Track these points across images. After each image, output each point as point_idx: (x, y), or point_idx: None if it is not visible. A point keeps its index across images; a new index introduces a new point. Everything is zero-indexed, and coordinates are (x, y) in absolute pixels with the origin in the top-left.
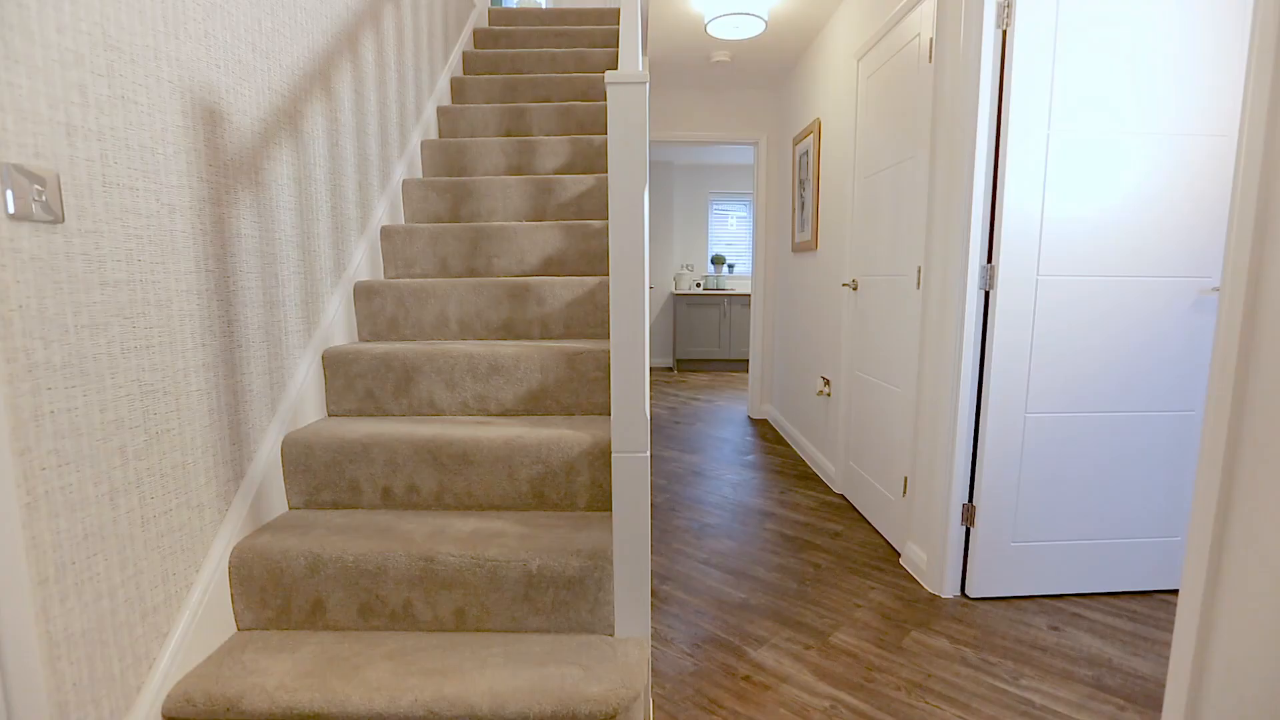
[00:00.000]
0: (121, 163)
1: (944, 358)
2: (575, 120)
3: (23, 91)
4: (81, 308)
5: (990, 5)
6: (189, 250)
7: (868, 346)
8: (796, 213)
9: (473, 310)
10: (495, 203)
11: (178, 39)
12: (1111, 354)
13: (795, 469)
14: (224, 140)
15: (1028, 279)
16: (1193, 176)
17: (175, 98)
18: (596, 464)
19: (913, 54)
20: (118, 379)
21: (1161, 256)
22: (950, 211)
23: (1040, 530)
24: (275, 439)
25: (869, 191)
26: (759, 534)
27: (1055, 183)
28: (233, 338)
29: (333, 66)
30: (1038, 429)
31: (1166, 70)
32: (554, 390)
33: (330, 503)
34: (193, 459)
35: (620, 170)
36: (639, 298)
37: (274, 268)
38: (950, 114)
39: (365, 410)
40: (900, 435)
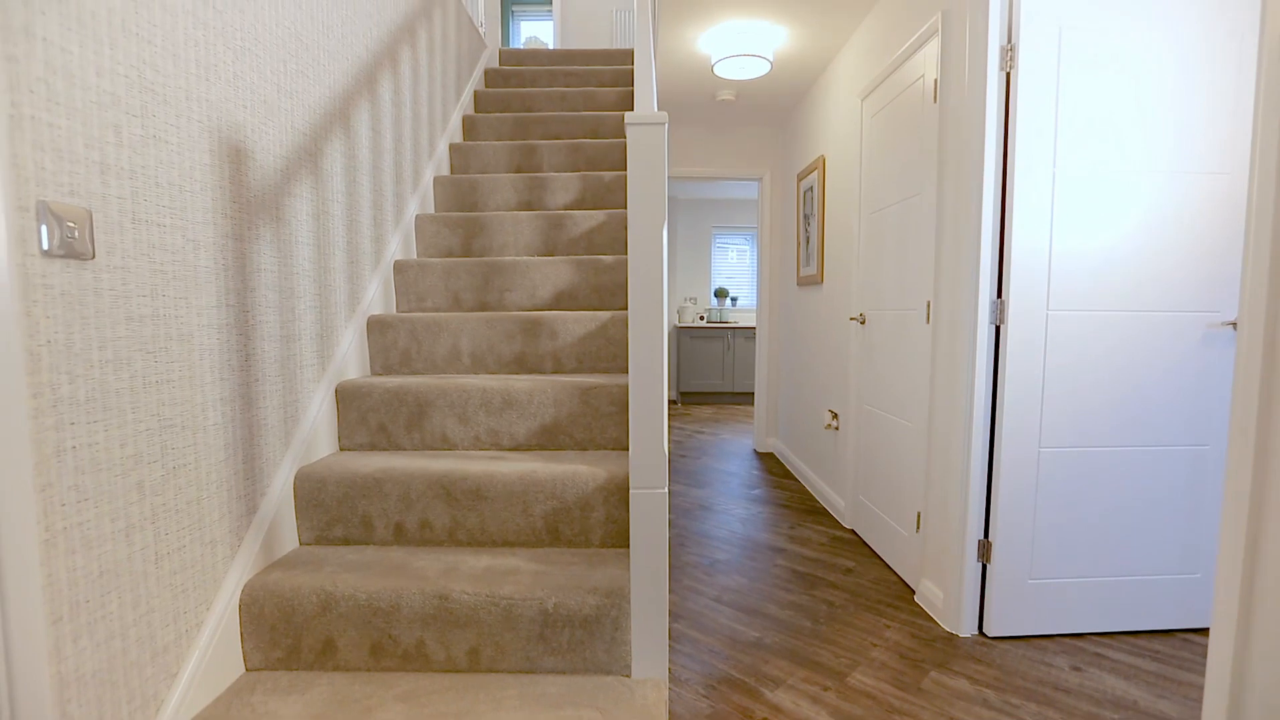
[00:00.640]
0: (151, 200)
1: (955, 392)
2: (585, 157)
3: (61, 132)
4: (107, 342)
5: (994, 49)
6: (211, 285)
7: (877, 380)
8: (801, 247)
9: (485, 344)
10: (507, 237)
11: (208, 81)
12: (1123, 388)
13: (803, 503)
14: (248, 177)
15: (1037, 313)
16: (1195, 213)
17: (204, 137)
18: (612, 500)
19: (917, 94)
20: (138, 413)
21: (1168, 291)
22: (959, 247)
23: (1058, 567)
24: (288, 473)
25: (875, 227)
26: (770, 570)
27: (1062, 219)
28: (250, 372)
29: (352, 105)
30: (1052, 463)
31: (1166, 110)
32: (567, 425)
33: (341, 538)
34: (208, 494)
35: (639, 207)
36: (657, 334)
37: (291, 302)
38: (957, 152)
39: (377, 444)
40: (912, 469)
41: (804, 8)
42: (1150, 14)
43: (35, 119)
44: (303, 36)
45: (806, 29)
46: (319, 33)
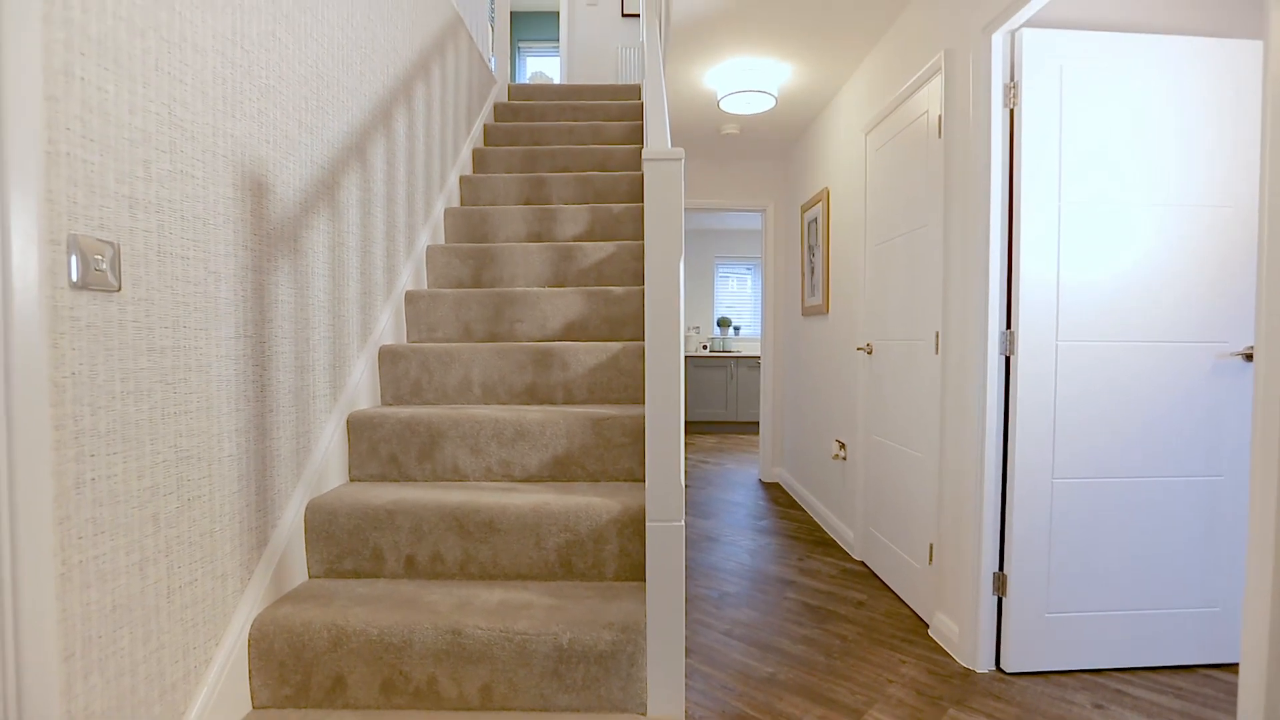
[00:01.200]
0: (176, 233)
1: (967, 423)
2: (593, 189)
3: (94, 167)
4: (129, 374)
5: (997, 87)
6: (230, 316)
7: (885, 410)
8: (806, 277)
9: (496, 375)
10: (517, 268)
11: (234, 117)
12: (1134, 419)
13: (811, 534)
14: (268, 210)
15: (1047, 344)
16: (1198, 245)
17: (228, 171)
18: (626, 532)
19: (921, 129)
20: (156, 445)
21: (1176, 322)
22: (967, 279)
23: (1075, 601)
24: (299, 505)
25: (881, 258)
26: (780, 603)
27: (1068, 251)
28: (265, 402)
29: (368, 139)
30: (1065, 495)
31: (1166, 145)
32: (579, 456)
33: (352, 571)
34: (220, 526)
35: (657, 241)
36: (674, 365)
37: (306, 332)
38: (963, 186)
39: (388, 475)
40: (923, 501)
41: (808, 46)
42: (1148, 54)
43: (70, 155)
44: (324, 74)
45: (810, 66)
46: (340, 69)
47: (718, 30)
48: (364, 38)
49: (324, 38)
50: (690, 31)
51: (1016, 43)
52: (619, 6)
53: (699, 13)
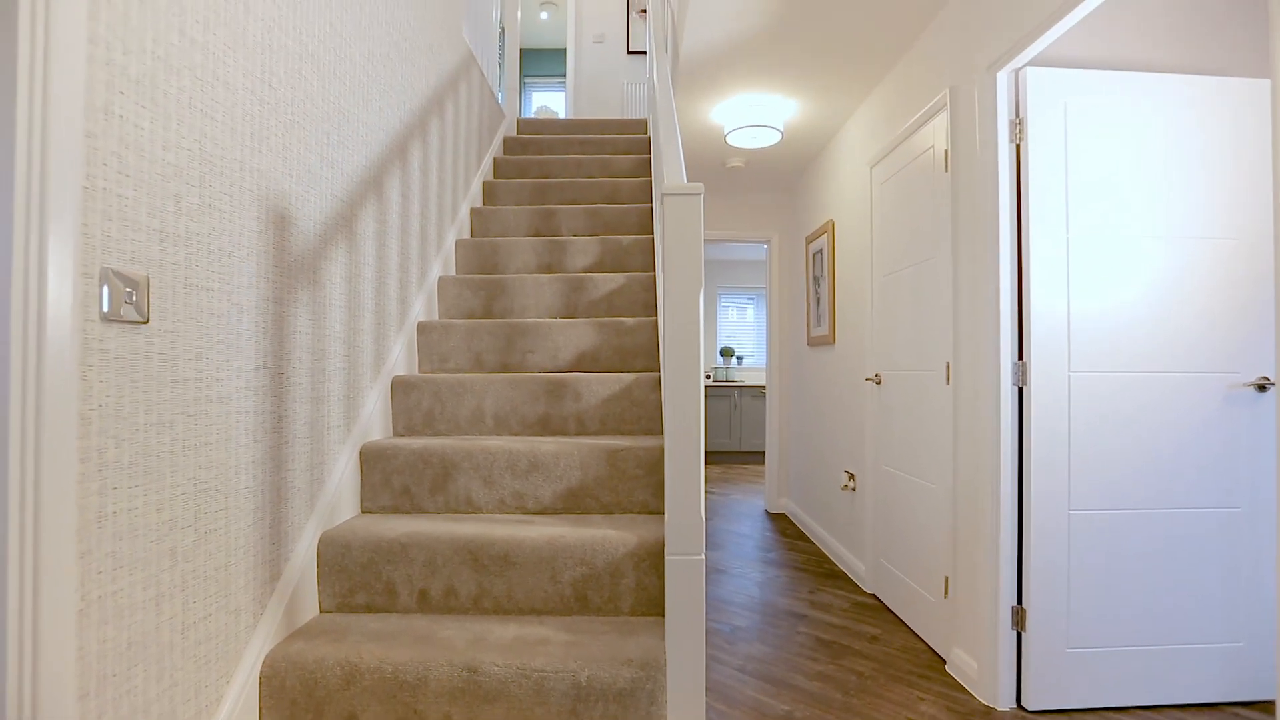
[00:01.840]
0: (202, 265)
1: (981, 454)
2: (602, 222)
3: (128, 202)
4: (153, 406)
5: (1003, 123)
6: (251, 348)
7: (895, 441)
8: (812, 307)
9: (509, 405)
10: (528, 299)
11: (260, 152)
12: (1149, 450)
13: (821, 566)
14: (289, 242)
15: (1059, 375)
16: (1204, 276)
17: (253, 205)
18: (642, 566)
19: (927, 163)
20: (176, 477)
21: (1187, 352)
22: (977, 310)
23: (1096, 635)
24: (312, 537)
25: (888, 289)
26: (793, 638)
27: (1078, 282)
28: (281, 434)
29: (385, 173)
30: (1083, 526)
31: (1170, 179)
32: (594, 488)
33: (364, 606)
34: (235, 559)
35: (676, 273)
36: (694, 397)
37: (322, 363)
38: (971, 220)
39: (400, 507)
40: (937, 533)
41: (814, 84)
42: (1150, 92)
43: (106, 190)
44: (346, 110)
45: (815, 102)
46: (360, 106)
47: (725, 67)
48: (384, 75)
49: (346, 75)
50: (698, 69)
51: (1021, 81)
52: (624, 44)
53: (707, 51)
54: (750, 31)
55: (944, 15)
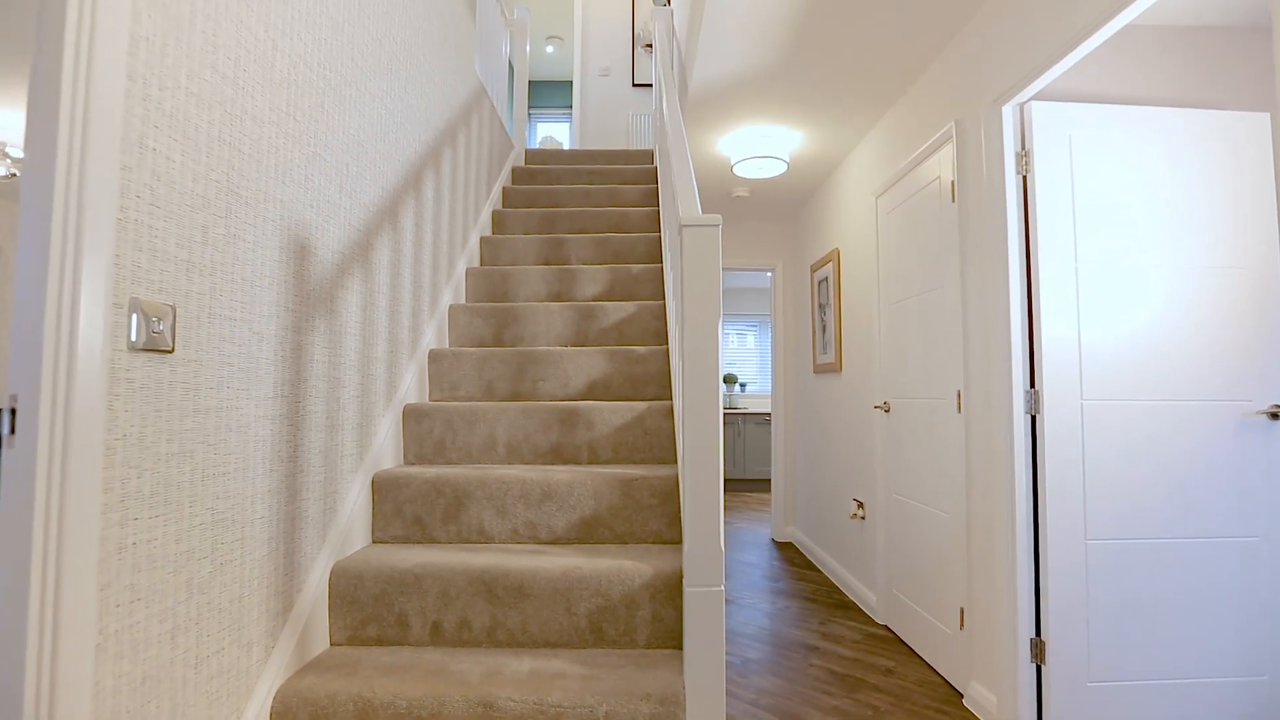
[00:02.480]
0: (226, 295)
1: (994, 482)
2: (611, 250)
3: (158, 233)
4: (174, 435)
5: (1010, 155)
6: (270, 376)
7: (906, 469)
8: (818, 335)
9: (521, 434)
10: (539, 327)
11: (283, 183)
12: (1164, 478)
13: (831, 597)
14: (309, 271)
15: (1072, 403)
16: (1212, 305)
17: (276, 235)
18: (659, 597)
19: (934, 194)
20: (195, 507)
21: (1198, 380)
22: (988, 338)
23: (1118, 668)
24: (324, 568)
25: (896, 317)
26: (806, 670)
27: (1087, 311)
28: (296, 462)
29: (400, 203)
30: (1100, 556)
31: (1176, 209)
32: (608, 518)
33: (375, 638)
34: (249, 591)
35: (695, 303)
36: (713, 426)
37: (337, 391)
38: (979, 249)
39: (412, 537)
40: (951, 563)
41: (819, 116)
42: (1153, 125)
43: (138, 222)
44: (364, 142)
45: (821, 133)
46: (378, 138)
47: (732, 101)
48: (400, 108)
49: (366, 109)
50: (706, 102)
51: (1026, 114)
52: (630, 77)
53: (715, 85)
54: (757, 67)
55: (948, 51)
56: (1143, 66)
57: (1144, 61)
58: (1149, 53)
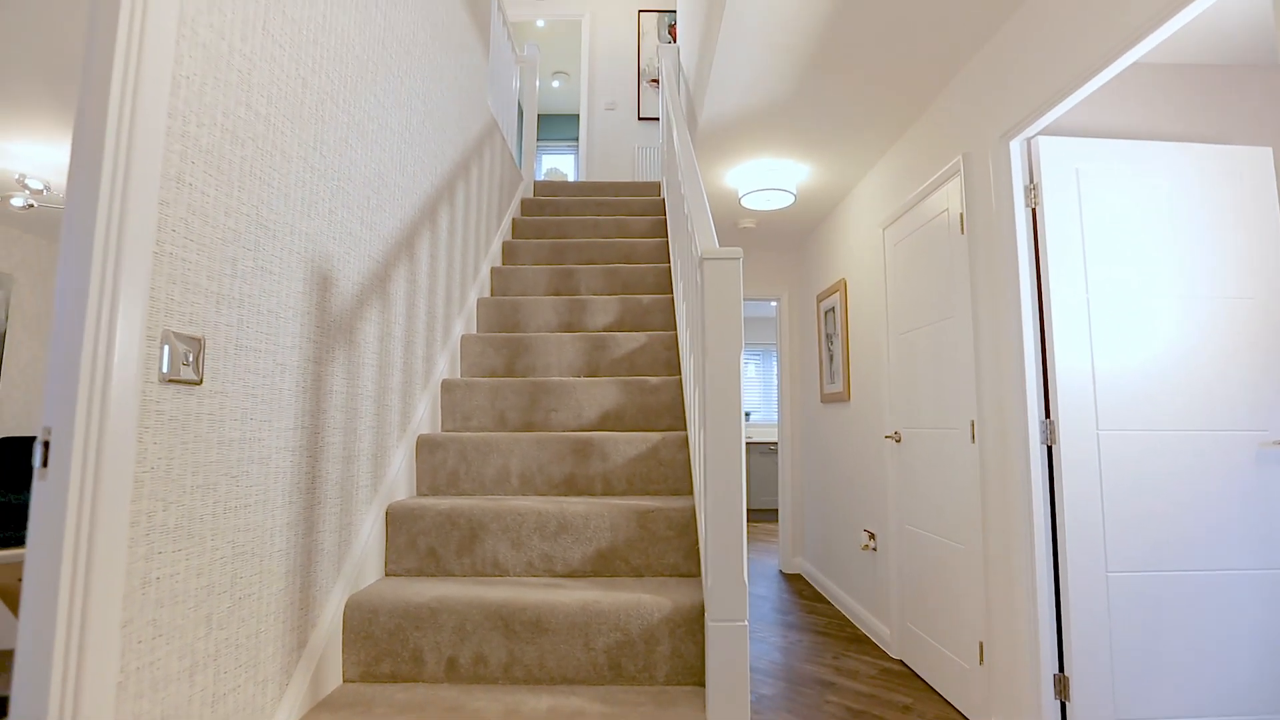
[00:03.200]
0: (252, 326)
1: (1011, 514)
2: (620, 281)
3: (191, 265)
4: (199, 467)
5: (1018, 188)
6: (291, 408)
7: (919, 499)
8: (825, 365)
9: (535, 465)
10: (550, 357)
11: (309, 217)
12: (1183, 510)
13: (843, 630)
14: (330, 303)
15: (1088, 433)
16: (1223, 335)
17: (300, 267)
18: (678, 632)
19: (942, 225)
20: (216, 540)
21: (1214, 410)
22: (1000, 369)
23: (1144, 705)
24: (339, 602)
25: (905, 347)
26: (822, 707)
27: (1100, 341)
28: (314, 494)
29: (416, 234)
30: (1122, 589)
31: (1183, 240)
32: (624, 550)
33: (389, 674)
34: (265, 626)
35: (717, 336)
36: (736, 456)
37: (354, 422)
38: (989, 280)
39: (426, 570)
40: (968, 596)
41: (827, 149)
42: (1158, 159)
43: (172, 255)
44: (384, 175)
45: (828, 166)
46: (397, 171)
47: (741, 134)
48: (418, 141)
49: (386, 143)
50: (715, 136)
51: (1033, 149)
52: (635, 111)
53: (724, 120)
54: (766, 102)
55: (953, 87)
56: (1145, 102)
57: (1146, 97)
58: (1151, 89)
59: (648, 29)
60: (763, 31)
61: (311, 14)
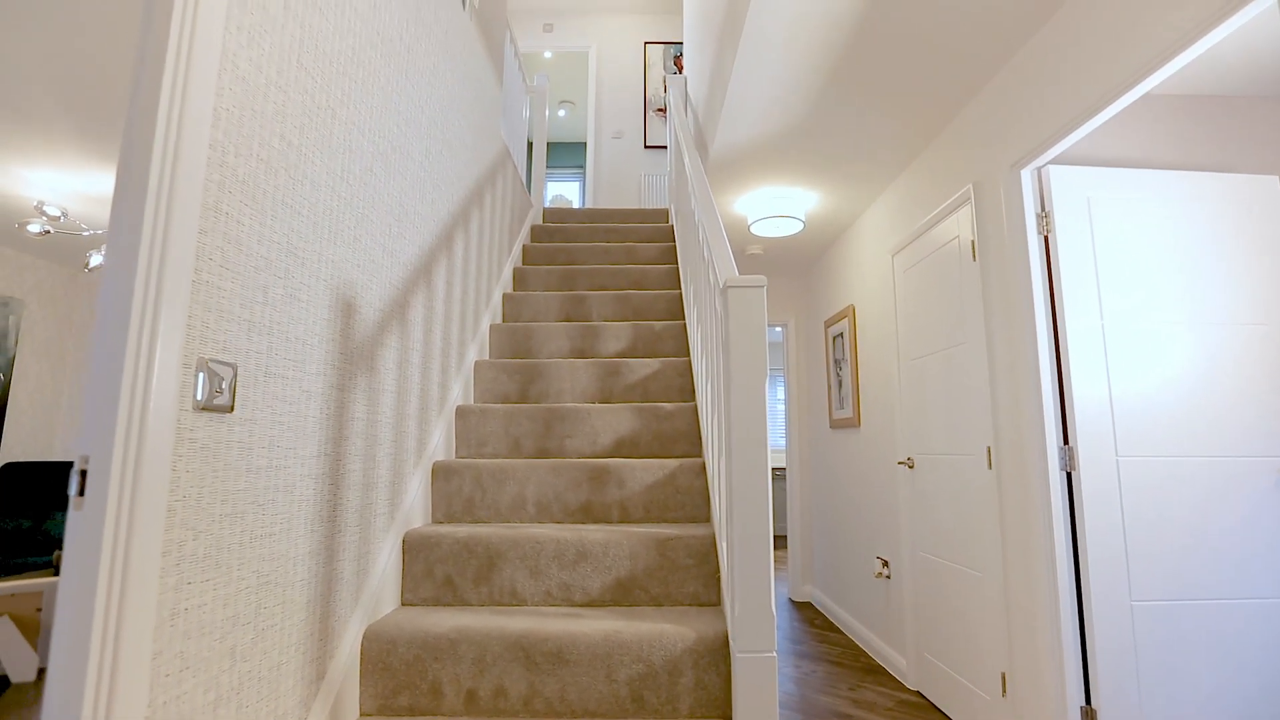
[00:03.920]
0: (280, 354)
1: (1032, 541)
2: (631, 307)
3: (225, 294)
4: (228, 496)
5: (1030, 216)
6: (315, 435)
7: (934, 526)
8: (834, 390)
9: (551, 492)
10: (563, 384)
11: (335, 244)
12: (1206, 536)
13: (857, 660)
14: (353, 330)
15: (1107, 459)
16: (1238, 360)
17: (326, 294)
18: (702, 663)
19: (953, 252)
20: (242, 570)
21: (1232, 436)
22: (1017, 395)
23: None
24: (357, 633)
25: (917, 373)
26: None
27: (1116, 368)
28: (335, 522)
29: (434, 261)
30: (1146, 618)
31: (1195, 267)
32: (643, 579)
33: (407, 707)
34: (287, 658)
35: (741, 363)
36: (762, 484)
37: (373, 449)
38: (1003, 306)
39: (442, 599)
40: (988, 625)
41: (835, 177)
42: (1168, 188)
43: (209, 283)
44: (405, 203)
45: (836, 193)
46: (417, 199)
47: (751, 163)
48: (437, 169)
49: (407, 172)
50: (725, 164)
51: (1044, 178)
52: (642, 139)
53: (735, 149)
54: (776, 132)
55: (962, 118)
56: (1149, 132)
57: (1149, 127)
58: (1154, 119)
59: (653, 60)
60: (777, 63)
61: (341, 47)
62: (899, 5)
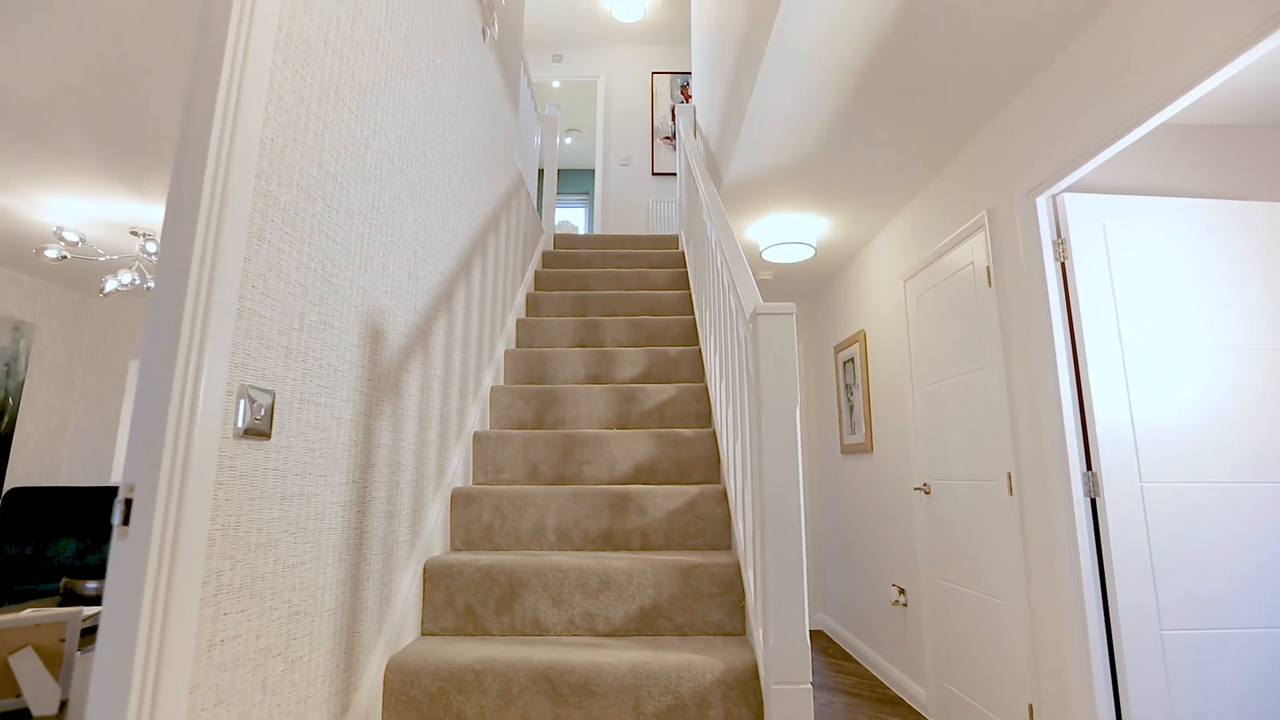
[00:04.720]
0: (314, 380)
1: (1056, 568)
2: (645, 333)
3: (265, 321)
4: (263, 524)
5: (1046, 242)
6: (344, 462)
7: (953, 554)
8: (845, 415)
9: (571, 519)
10: (580, 409)
11: (365, 271)
12: (1231, 562)
13: (873, 690)
14: (380, 356)
15: (1132, 485)
16: (1260, 384)
17: (357, 320)
18: (731, 695)
19: (968, 279)
20: (275, 600)
21: (1256, 460)
22: (1037, 420)
23: None
24: (379, 664)
25: (932, 398)
26: None
27: (1137, 392)
28: (360, 550)
29: (454, 287)
30: (1177, 647)
31: (1212, 292)
32: (667, 608)
33: None
34: (314, 690)
35: (771, 389)
36: (795, 512)
37: (397, 476)
38: (1022, 332)
39: (464, 629)
40: (1013, 654)
41: (847, 203)
42: (1182, 215)
43: (251, 310)
44: (429, 231)
45: (847, 220)
46: (439, 226)
47: (764, 191)
48: (458, 197)
49: (432, 199)
50: (738, 192)
51: (1059, 205)
52: (649, 167)
53: (748, 178)
54: (790, 161)
55: (975, 145)
56: (1161, 160)
57: (1161, 155)
58: (1165, 147)
59: (660, 89)
60: (793, 96)
61: (375, 79)
62: (914, 38)
